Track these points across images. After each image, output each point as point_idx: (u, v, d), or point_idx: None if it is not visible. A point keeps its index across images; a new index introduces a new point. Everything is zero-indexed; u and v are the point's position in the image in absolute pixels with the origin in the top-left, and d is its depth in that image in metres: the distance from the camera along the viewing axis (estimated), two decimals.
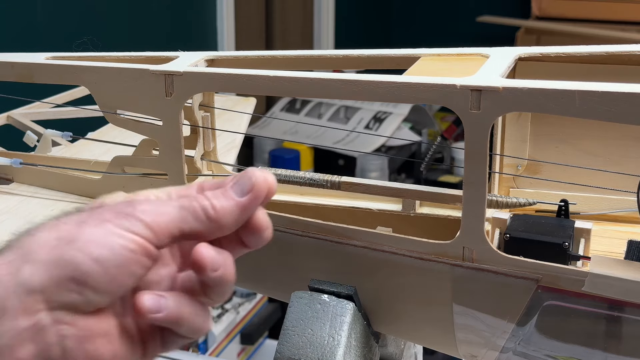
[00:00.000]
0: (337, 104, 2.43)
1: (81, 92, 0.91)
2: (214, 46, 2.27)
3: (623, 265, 0.53)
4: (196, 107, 0.67)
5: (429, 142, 2.42)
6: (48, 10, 1.65)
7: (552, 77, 0.52)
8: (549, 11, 2.89)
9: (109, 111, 0.68)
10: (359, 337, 0.62)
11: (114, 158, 0.70)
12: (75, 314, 0.39)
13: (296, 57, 0.67)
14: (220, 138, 0.72)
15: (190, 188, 0.44)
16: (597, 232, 0.59)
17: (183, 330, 0.43)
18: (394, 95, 0.54)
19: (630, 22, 2.73)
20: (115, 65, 0.67)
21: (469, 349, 0.61)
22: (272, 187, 0.44)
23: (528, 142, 0.66)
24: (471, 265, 0.56)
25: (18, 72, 0.71)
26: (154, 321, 0.41)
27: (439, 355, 1.64)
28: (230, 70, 0.61)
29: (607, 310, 0.53)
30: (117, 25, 1.88)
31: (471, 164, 0.53)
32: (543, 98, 0.49)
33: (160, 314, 0.41)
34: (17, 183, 0.76)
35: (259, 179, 0.43)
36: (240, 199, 0.43)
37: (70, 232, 0.40)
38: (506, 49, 0.60)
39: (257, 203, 0.44)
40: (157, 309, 0.41)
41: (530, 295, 0.55)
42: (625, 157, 0.63)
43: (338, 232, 0.59)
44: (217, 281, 0.42)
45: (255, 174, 0.43)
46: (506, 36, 2.76)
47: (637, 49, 0.59)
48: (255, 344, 1.94)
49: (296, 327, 0.61)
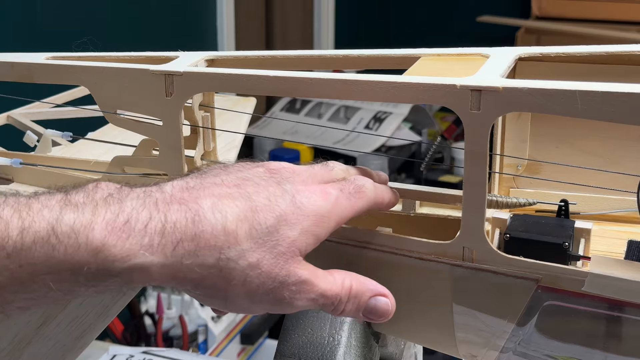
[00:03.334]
0: (337, 104, 2.43)
1: (81, 92, 0.91)
2: (214, 46, 2.27)
3: (623, 265, 0.53)
4: (196, 107, 0.67)
5: (429, 142, 2.42)
6: (48, 10, 1.65)
7: (552, 77, 0.52)
8: (549, 11, 2.89)
9: (109, 111, 0.68)
10: (359, 337, 0.62)
11: (114, 158, 0.70)
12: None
13: (296, 57, 0.67)
14: (220, 138, 0.72)
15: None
16: (597, 232, 0.59)
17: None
18: (394, 95, 0.54)
19: (630, 22, 2.73)
20: (115, 65, 0.67)
21: (469, 349, 0.61)
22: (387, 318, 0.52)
23: (528, 142, 0.66)
24: (471, 265, 0.56)
25: (18, 72, 0.71)
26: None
27: (439, 355, 1.65)
28: (230, 70, 0.61)
29: (607, 310, 0.53)
30: (117, 25, 1.88)
31: (471, 164, 0.53)
32: (543, 98, 0.49)
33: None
34: (17, 183, 0.76)
35: (389, 314, 0.51)
36: (361, 316, 0.51)
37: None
38: (506, 49, 0.60)
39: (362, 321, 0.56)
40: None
41: (530, 295, 0.55)
42: (625, 157, 0.63)
43: (338, 232, 0.59)
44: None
45: (392, 307, 0.51)
46: (506, 36, 2.77)
47: (637, 49, 0.59)
48: (255, 344, 1.94)
49: (296, 327, 0.61)
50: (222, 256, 0.44)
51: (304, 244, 0.47)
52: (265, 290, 0.46)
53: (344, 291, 0.49)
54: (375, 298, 0.50)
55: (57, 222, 0.42)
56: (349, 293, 0.49)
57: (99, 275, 0.42)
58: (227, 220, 0.44)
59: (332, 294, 0.48)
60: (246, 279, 0.45)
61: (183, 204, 0.44)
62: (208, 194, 0.45)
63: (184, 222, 0.43)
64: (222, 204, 0.45)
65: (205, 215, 0.44)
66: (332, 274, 0.49)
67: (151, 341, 1.73)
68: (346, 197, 0.50)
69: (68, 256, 0.41)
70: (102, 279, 0.42)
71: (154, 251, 0.43)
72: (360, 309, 0.50)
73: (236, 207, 0.45)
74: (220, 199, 0.45)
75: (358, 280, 0.50)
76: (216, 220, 0.44)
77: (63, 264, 0.41)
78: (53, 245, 0.41)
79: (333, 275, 0.49)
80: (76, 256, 0.41)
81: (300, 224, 0.47)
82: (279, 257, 0.46)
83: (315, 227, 0.47)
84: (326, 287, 0.48)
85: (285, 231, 0.46)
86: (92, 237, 0.41)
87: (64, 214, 0.42)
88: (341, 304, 0.49)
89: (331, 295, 0.48)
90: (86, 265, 0.41)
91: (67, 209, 0.42)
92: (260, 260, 0.45)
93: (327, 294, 0.48)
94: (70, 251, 0.41)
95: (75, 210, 0.42)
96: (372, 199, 0.52)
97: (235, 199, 0.46)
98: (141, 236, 0.42)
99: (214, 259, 0.44)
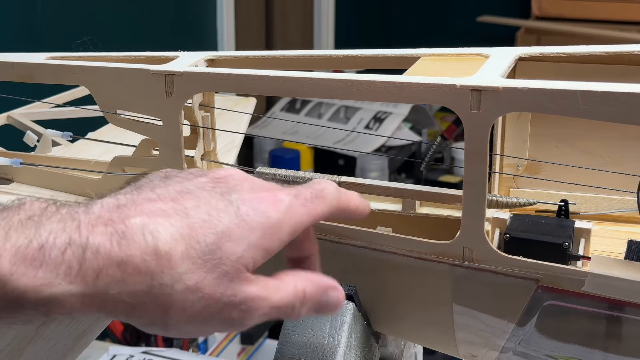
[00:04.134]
0: (337, 104, 2.43)
1: (81, 92, 0.91)
2: (214, 46, 2.27)
3: (623, 265, 0.53)
4: (196, 107, 0.67)
5: (429, 142, 2.42)
6: (48, 10, 1.65)
7: (552, 77, 0.52)
8: (549, 11, 2.89)
9: (109, 111, 0.68)
10: (359, 337, 0.62)
11: (114, 158, 0.70)
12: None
13: (296, 57, 0.67)
14: (220, 138, 0.72)
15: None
16: (597, 232, 0.59)
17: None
18: (394, 95, 0.54)
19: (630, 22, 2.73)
20: (115, 65, 0.67)
21: (469, 348, 0.61)
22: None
23: (528, 142, 0.66)
24: (471, 265, 0.56)
25: (18, 72, 0.71)
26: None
27: (439, 355, 1.65)
28: (230, 70, 0.61)
29: (607, 310, 0.53)
30: (117, 25, 1.88)
31: (471, 164, 0.53)
32: (543, 98, 0.49)
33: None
34: (17, 183, 0.76)
35: (337, 310, 0.48)
36: (313, 314, 0.47)
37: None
38: (506, 49, 0.60)
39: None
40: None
41: (530, 295, 0.55)
42: (625, 157, 0.63)
43: (338, 231, 0.59)
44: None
45: (340, 301, 0.47)
46: (506, 36, 2.77)
47: (637, 49, 0.59)
48: (255, 344, 1.94)
49: (296, 327, 0.61)
50: (154, 282, 0.40)
51: (251, 260, 0.42)
52: (209, 314, 0.42)
53: (297, 298, 0.45)
54: (326, 294, 0.46)
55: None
56: (302, 298, 0.45)
57: (11, 307, 0.38)
58: (159, 242, 0.40)
59: (284, 304, 0.44)
60: (185, 305, 0.41)
61: (109, 226, 0.40)
62: (139, 211, 0.41)
63: (108, 246, 0.39)
64: (154, 223, 0.40)
65: (134, 237, 0.40)
66: (283, 279, 0.45)
67: (151, 341, 1.73)
68: (301, 204, 0.45)
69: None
70: (15, 311, 0.39)
71: (72, 280, 0.39)
72: (313, 309, 0.46)
73: (171, 226, 0.41)
74: (152, 217, 0.41)
75: (309, 281, 0.46)
76: (146, 242, 0.40)
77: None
78: None
79: (284, 281, 0.45)
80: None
81: (247, 239, 0.42)
82: (222, 277, 0.41)
83: (264, 240, 0.43)
84: (277, 299, 0.44)
85: (228, 248, 0.42)
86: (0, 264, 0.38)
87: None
88: (295, 309, 0.45)
89: (284, 305, 0.44)
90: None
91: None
92: (199, 283, 0.41)
93: (279, 304, 0.44)
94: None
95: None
96: (334, 204, 0.47)
97: (170, 216, 0.41)
98: (56, 264, 0.38)
99: (145, 286, 0.40)
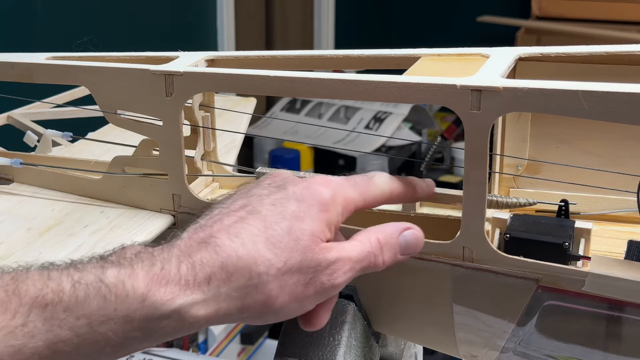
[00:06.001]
0: (337, 104, 2.43)
1: (81, 92, 0.91)
2: (214, 46, 2.27)
3: (623, 265, 0.53)
4: (196, 107, 0.67)
5: (429, 142, 2.42)
6: (48, 10, 1.65)
7: (552, 77, 0.52)
8: (549, 11, 2.89)
9: (109, 111, 0.68)
10: (359, 337, 0.62)
11: (114, 158, 0.70)
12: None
13: (296, 57, 0.67)
14: (220, 138, 0.72)
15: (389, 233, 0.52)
16: (597, 232, 0.59)
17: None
18: (394, 95, 0.54)
19: (630, 22, 2.73)
20: (115, 65, 0.67)
21: (469, 349, 0.61)
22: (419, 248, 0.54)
23: (528, 142, 0.66)
24: (471, 265, 0.56)
25: (18, 72, 0.71)
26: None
27: (439, 355, 1.65)
28: (230, 70, 0.61)
29: (607, 310, 0.53)
30: (117, 25, 1.88)
31: (471, 164, 0.53)
32: (543, 98, 0.50)
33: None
34: (17, 183, 0.76)
35: (419, 242, 0.53)
36: (400, 257, 0.52)
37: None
38: (506, 49, 0.60)
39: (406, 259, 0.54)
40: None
41: (530, 295, 0.55)
42: (625, 157, 0.63)
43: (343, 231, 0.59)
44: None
45: (418, 237, 0.53)
46: (506, 36, 2.76)
47: (637, 49, 0.59)
48: (255, 344, 1.94)
49: (296, 327, 0.61)
50: (252, 274, 0.47)
51: (320, 232, 0.49)
52: (304, 286, 0.48)
53: (374, 247, 0.51)
54: (402, 235, 0.52)
55: (103, 274, 0.45)
56: (379, 246, 0.51)
57: (150, 319, 0.45)
58: (245, 241, 0.47)
59: (364, 256, 0.50)
60: (282, 284, 0.48)
61: (202, 242, 0.48)
62: (220, 226, 0.49)
63: (207, 257, 0.47)
64: (235, 229, 0.48)
65: (224, 244, 0.47)
66: (355, 238, 0.51)
67: None
68: (351, 184, 0.53)
69: (119, 304, 0.44)
70: (154, 323, 0.45)
71: (193, 291, 0.46)
72: (396, 252, 0.52)
73: (248, 226, 0.48)
74: (232, 225, 0.48)
75: (380, 231, 0.52)
76: (235, 245, 0.47)
77: (116, 312, 0.44)
78: (104, 295, 0.44)
79: (357, 239, 0.51)
80: (126, 303, 0.44)
81: (309, 215, 0.50)
82: (304, 252, 0.48)
83: (323, 213, 0.50)
84: (356, 254, 0.50)
85: (299, 226, 0.49)
86: (137, 285, 0.45)
87: (106, 269, 0.45)
88: (377, 258, 0.51)
89: (364, 257, 0.50)
90: (137, 310, 0.45)
91: (107, 266, 0.46)
92: (288, 262, 0.48)
93: (359, 257, 0.50)
94: (121, 299, 0.44)
95: (115, 266, 0.46)
96: (386, 189, 0.54)
97: (244, 219, 0.49)
98: (177, 280, 0.46)
99: (246, 279, 0.47)
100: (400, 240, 0.52)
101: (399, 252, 0.52)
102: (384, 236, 0.52)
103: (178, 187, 0.66)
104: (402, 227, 0.52)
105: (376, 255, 0.51)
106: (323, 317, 0.53)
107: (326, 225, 0.50)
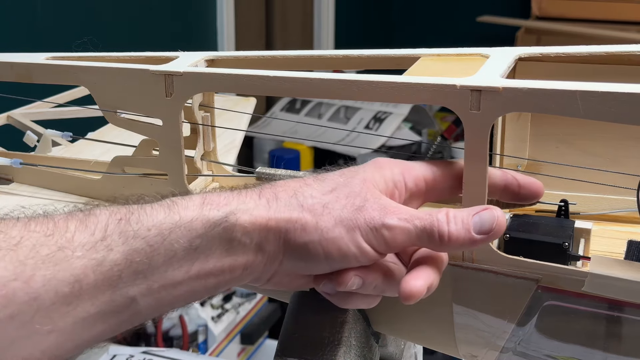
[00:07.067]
0: (337, 104, 2.42)
1: (81, 92, 0.90)
2: (214, 46, 2.27)
3: (623, 265, 0.53)
4: (196, 107, 0.67)
5: (429, 142, 2.42)
6: (48, 10, 1.65)
7: (552, 77, 0.52)
8: (549, 11, 2.89)
9: (109, 111, 0.68)
10: (359, 337, 0.62)
11: (114, 158, 0.70)
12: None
13: (296, 57, 0.67)
14: (220, 138, 0.72)
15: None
16: (597, 232, 0.59)
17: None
18: (394, 95, 0.54)
19: (630, 22, 2.73)
20: (115, 65, 0.67)
21: (469, 349, 0.61)
22: (501, 232, 0.49)
23: (528, 142, 0.66)
24: (471, 265, 0.56)
25: (18, 72, 0.71)
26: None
27: (439, 355, 1.65)
28: (230, 70, 0.61)
29: (607, 310, 0.53)
30: (117, 25, 1.88)
31: (471, 164, 0.53)
32: (543, 98, 0.49)
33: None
34: (17, 183, 0.76)
35: (500, 224, 0.49)
36: (475, 236, 0.48)
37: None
38: (506, 49, 0.60)
39: (486, 243, 0.50)
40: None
41: (530, 295, 0.55)
42: (625, 157, 0.63)
43: None
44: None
45: (499, 217, 0.49)
46: (506, 36, 2.76)
47: (637, 49, 0.59)
48: (255, 344, 1.94)
49: (296, 327, 0.61)
50: (297, 192, 0.50)
51: (373, 178, 0.51)
52: (352, 210, 0.48)
53: (440, 214, 0.48)
54: (478, 214, 0.49)
55: (165, 197, 0.50)
56: (446, 216, 0.48)
57: (207, 224, 0.48)
58: (297, 176, 0.54)
59: (426, 216, 0.48)
60: (326, 203, 0.49)
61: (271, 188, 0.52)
62: (283, 186, 0.52)
63: (260, 185, 0.52)
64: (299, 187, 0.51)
65: (278, 183, 0.52)
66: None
67: (151, 341, 1.73)
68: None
69: (182, 212, 0.48)
70: (211, 228, 0.48)
71: (246, 198, 0.50)
72: (468, 228, 0.48)
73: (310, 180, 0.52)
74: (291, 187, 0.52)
75: (453, 209, 0.49)
76: (286, 181, 0.52)
77: (180, 220, 0.48)
78: (168, 206, 0.49)
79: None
80: (188, 211, 0.49)
81: (362, 169, 0.52)
82: (353, 186, 0.50)
83: (376, 169, 0.52)
84: (417, 211, 0.49)
85: (350, 172, 0.52)
86: (195, 197, 0.50)
87: (166, 196, 0.51)
88: (442, 225, 0.48)
89: (426, 218, 0.48)
90: (197, 218, 0.48)
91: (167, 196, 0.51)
92: (335, 189, 0.50)
93: (421, 215, 0.48)
94: (182, 207, 0.49)
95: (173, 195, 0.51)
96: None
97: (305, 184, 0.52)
98: (230, 192, 0.51)
99: (290, 196, 0.50)
100: (474, 219, 0.49)
101: (472, 229, 0.48)
102: (455, 211, 0.49)
103: (178, 187, 0.66)
104: (480, 208, 0.49)
105: (440, 221, 0.48)
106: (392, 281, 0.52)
107: (381, 177, 0.51)
